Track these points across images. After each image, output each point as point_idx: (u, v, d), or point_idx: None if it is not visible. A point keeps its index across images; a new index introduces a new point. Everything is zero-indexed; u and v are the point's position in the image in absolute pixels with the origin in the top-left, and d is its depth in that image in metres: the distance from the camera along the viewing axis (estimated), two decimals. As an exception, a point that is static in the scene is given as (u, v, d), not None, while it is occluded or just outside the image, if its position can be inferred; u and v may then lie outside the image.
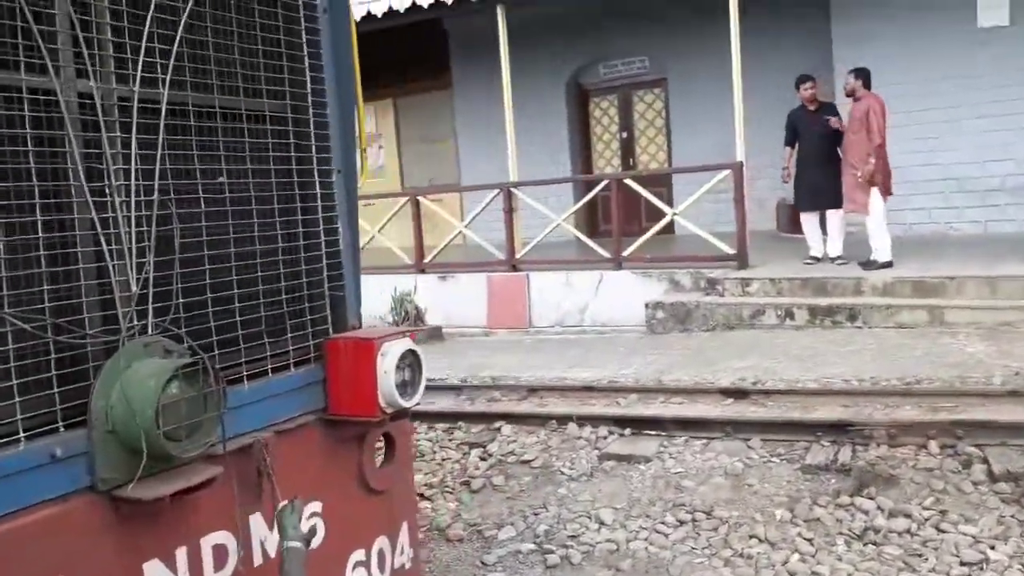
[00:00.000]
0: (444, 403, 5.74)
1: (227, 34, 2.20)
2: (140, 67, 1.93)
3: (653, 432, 4.66)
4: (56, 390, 1.72)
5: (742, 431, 4.51)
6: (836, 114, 8.35)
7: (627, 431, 4.71)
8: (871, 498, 3.71)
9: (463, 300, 10.01)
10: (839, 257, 8.44)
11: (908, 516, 3.54)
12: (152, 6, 1.97)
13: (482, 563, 3.59)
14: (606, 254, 9.28)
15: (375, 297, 10.11)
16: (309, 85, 2.41)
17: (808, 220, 8.64)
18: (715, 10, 9.32)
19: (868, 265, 7.91)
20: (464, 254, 11.19)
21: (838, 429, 4.35)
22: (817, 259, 8.55)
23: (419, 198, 10.55)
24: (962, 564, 3.16)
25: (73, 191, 1.77)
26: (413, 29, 12.01)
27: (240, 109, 2.23)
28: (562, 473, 4.37)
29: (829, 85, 9.82)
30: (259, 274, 2.23)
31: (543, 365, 6.98)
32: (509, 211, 9.87)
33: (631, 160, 12.96)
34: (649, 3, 11.59)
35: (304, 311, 2.38)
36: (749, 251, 8.62)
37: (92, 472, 1.79)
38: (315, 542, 2.32)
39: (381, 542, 2.63)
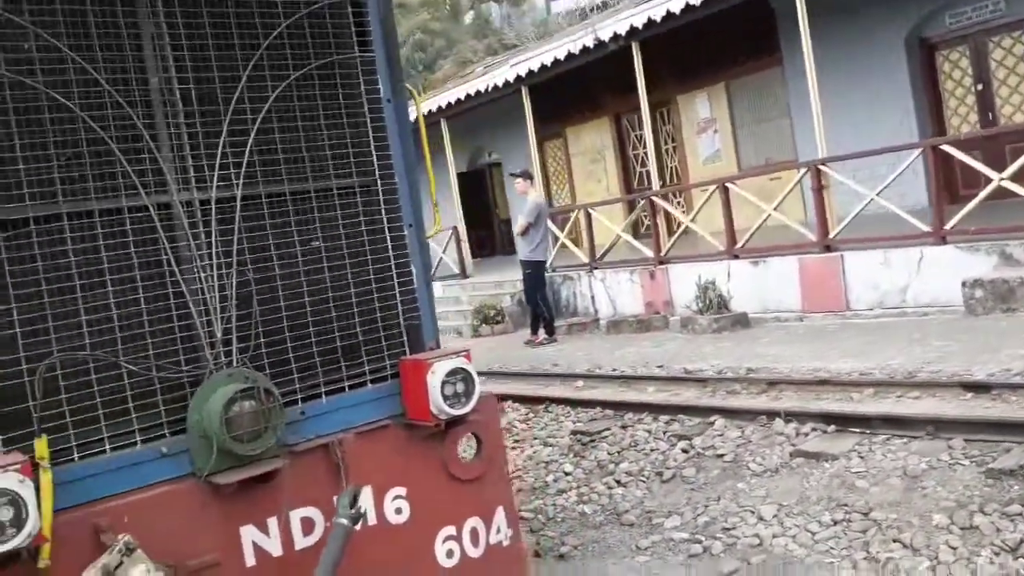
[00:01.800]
0: (688, 394, 5.99)
1: (316, 130, 2.96)
2: (237, 174, 2.76)
3: (857, 429, 4.48)
4: (162, 408, 2.61)
5: (945, 430, 4.15)
6: None
7: (831, 428, 4.58)
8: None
9: (776, 284, 9.85)
10: None
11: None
12: (254, 129, 2.80)
13: (637, 547, 3.92)
14: (925, 228, 8.50)
15: (688, 286, 10.44)
16: (376, 163, 3.06)
17: None
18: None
19: None
20: (783, 235, 10.92)
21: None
22: None
23: (728, 185, 10.57)
24: None
25: (167, 273, 2.65)
26: (739, 11, 11.91)
27: (332, 188, 2.97)
28: (749, 468, 4.44)
29: None
30: (333, 314, 2.94)
31: (815, 355, 6.78)
32: (819, 189, 9.48)
33: (990, 114, 11.42)
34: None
35: (380, 338, 3.04)
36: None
37: (192, 464, 2.65)
38: (400, 519, 2.99)
39: (473, 522, 3.19)
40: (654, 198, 11.88)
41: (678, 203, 14.84)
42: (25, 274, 2.40)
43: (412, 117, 3.32)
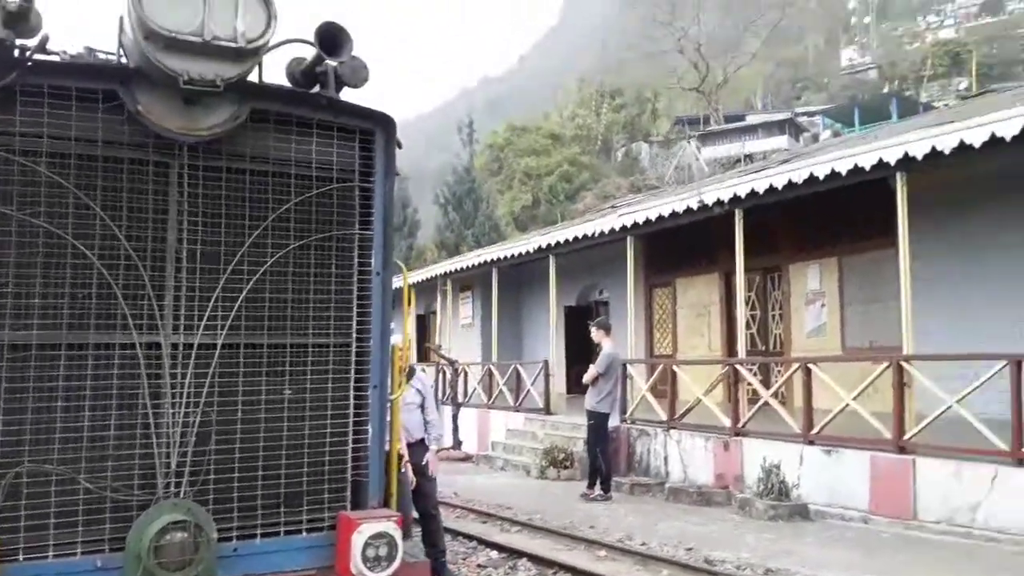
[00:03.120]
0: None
1: (305, 292, 3.35)
2: (223, 325, 3.16)
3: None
4: (108, 525, 2.95)
5: None
6: None
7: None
8: None
9: (847, 478, 9.44)
10: None
11: None
12: (246, 288, 3.21)
13: None
14: (1001, 445, 8.03)
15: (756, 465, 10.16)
16: (355, 327, 3.40)
17: None
18: None
19: None
20: (862, 426, 10.53)
21: None
22: None
23: (809, 366, 10.36)
24: None
25: (140, 406, 3.03)
26: (858, 188, 11.91)
27: (308, 345, 3.33)
28: None
29: None
30: (283, 461, 3.23)
31: (847, 566, 6.45)
32: (900, 386, 9.16)
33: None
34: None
35: (324, 490, 3.30)
36: None
37: (121, 580, 2.95)
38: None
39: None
40: (738, 366, 11.75)
41: (778, 371, 14.54)
42: (14, 392, 2.83)
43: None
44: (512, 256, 17.74)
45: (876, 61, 74.03)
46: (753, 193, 11.39)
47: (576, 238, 15.37)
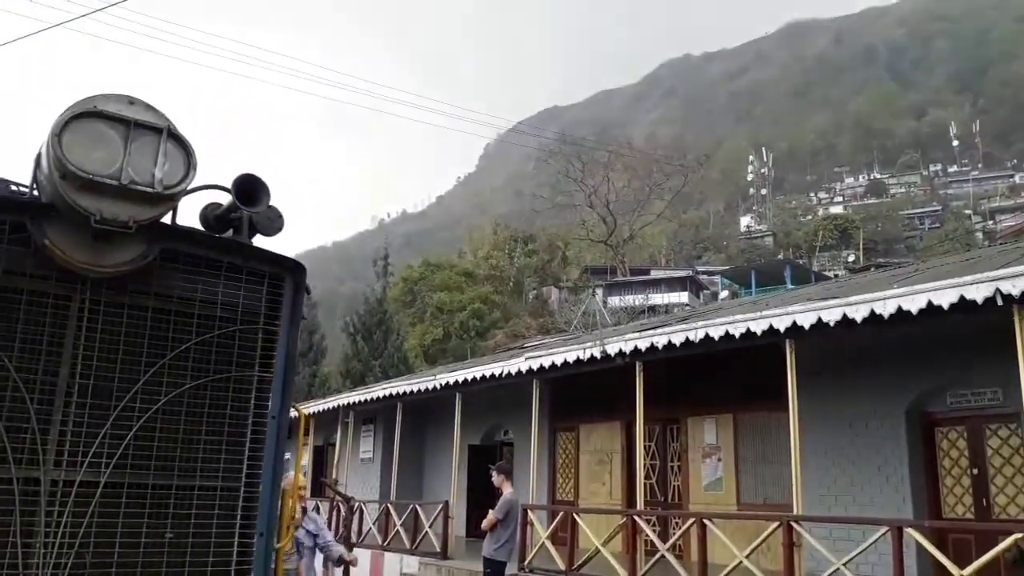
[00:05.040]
0: None
1: (196, 432, 3.31)
2: (107, 463, 3.08)
3: None
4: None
5: None
6: None
7: None
8: None
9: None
10: None
11: None
12: (136, 426, 3.16)
13: None
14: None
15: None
16: (245, 470, 3.37)
17: None
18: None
19: None
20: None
21: None
22: None
23: (705, 521, 10.51)
24: None
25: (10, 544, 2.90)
26: (753, 349, 12.47)
27: (195, 487, 3.26)
28: None
29: None
30: (156, 609, 3.11)
31: None
32: (790, 545, 9.38)
33: (984, 501, 11.34)
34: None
35: (198, 645, 3.16)
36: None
37: None
38: None
39: None
40: (636, 517, 11.82)
41: (675, 523, 14.62)
42: None
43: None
44: (418, 391, 17.69)
45: (772, 229, 79.29)
46: (652, 348, 11.84)
47: (483, 376, 15.51)
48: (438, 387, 16.84)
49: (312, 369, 39.24)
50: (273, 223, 3.49)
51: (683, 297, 53.36)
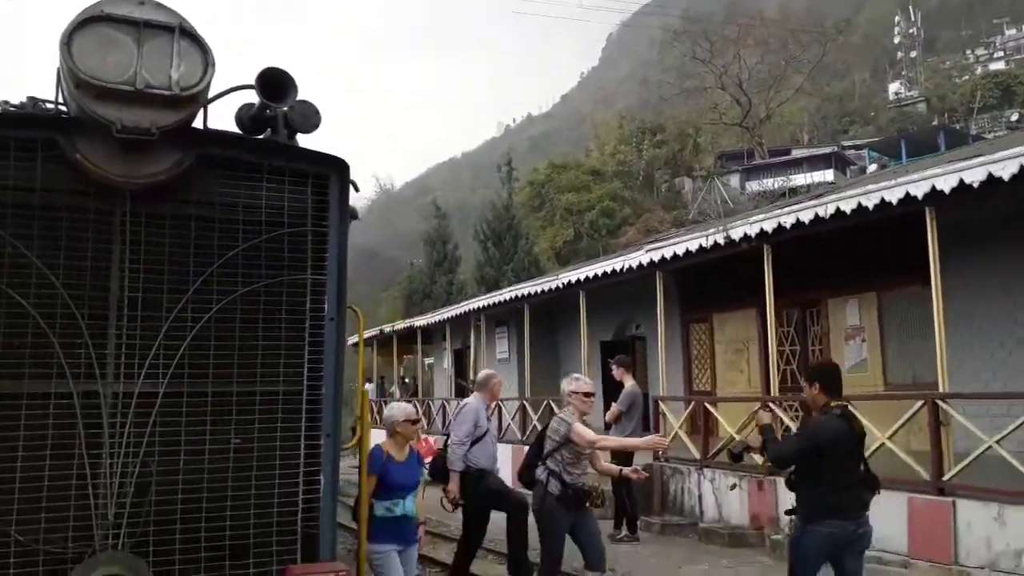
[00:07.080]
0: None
1: (253, 339, 3.28)
2: (165, 373, 3.11)
3: None
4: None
5: None
6: None
7: None
8: None
9: (884, 521, 8.97)
10: None
11: None
12: (190, 336, 3.16)
13: None
14: (1043, 489, 7.58)
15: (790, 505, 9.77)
16: (306, 374, 3.31)
17: None
18: None
19: None
20: (896, 466, 10.08)
21: None
22: None
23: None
24: None
25: (76, 456, 2.97)
26: (896, 220, 11.54)
27: (256, 393, 3.25)
28: None
29: None
30: (228, 513, 3.14)
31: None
32: (936, 425, 8.75)
33: None
34: None
35: (272, 542, 3.19)
36: None
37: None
38: None
39: None
40: (771, 404, 11.38)
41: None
42: (-57, 444, 2.79)
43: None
44: (542, 292, 17.61)
45: (924, 94, 72.82)
46: (780, 228, 11.12)
47: (604, 273, 15.19)
48: (560, 286, 16.68)
49: (448, 277, 40.11)
50: (308, 119, 3.33)
51: (828, 176, 50.30)
